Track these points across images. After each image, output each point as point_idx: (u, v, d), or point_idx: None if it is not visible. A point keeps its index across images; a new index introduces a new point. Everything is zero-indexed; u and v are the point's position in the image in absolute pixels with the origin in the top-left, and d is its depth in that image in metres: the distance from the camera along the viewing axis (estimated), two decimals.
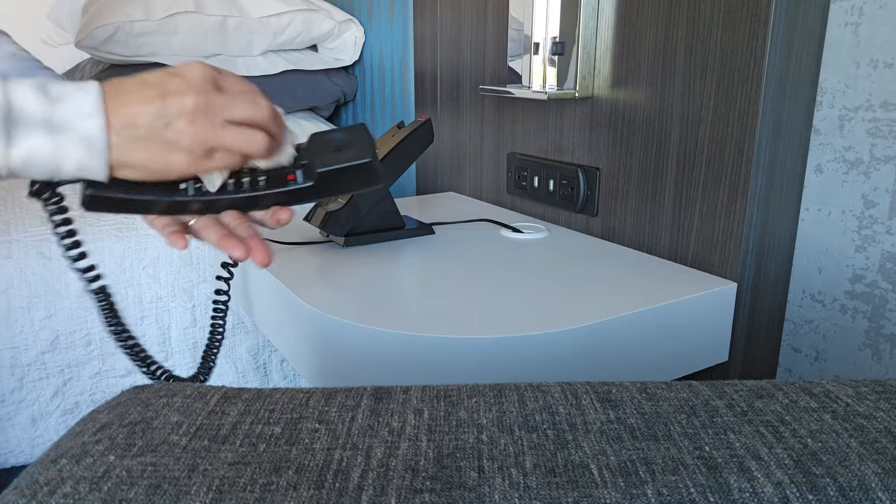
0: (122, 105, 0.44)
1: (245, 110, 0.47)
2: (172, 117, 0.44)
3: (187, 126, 0.44)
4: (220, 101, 0.46)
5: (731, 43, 0.66)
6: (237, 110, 0.47)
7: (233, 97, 0.47)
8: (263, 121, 0.48)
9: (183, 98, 0.44)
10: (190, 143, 0.45)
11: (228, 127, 0.46)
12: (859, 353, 0.68)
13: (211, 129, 0.45)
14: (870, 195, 0.65)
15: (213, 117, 0.45)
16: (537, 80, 0.86)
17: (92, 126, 0.43)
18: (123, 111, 0.43)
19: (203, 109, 0.45)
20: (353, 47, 1.43)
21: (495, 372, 0.57)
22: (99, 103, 0.43)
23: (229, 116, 0.46)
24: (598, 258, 0.77)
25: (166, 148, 0.45)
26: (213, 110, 0.45)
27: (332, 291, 0.67)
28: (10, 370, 0.95)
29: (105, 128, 0.43)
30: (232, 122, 0.47)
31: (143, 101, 0.44)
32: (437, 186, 1.23)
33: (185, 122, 0.44)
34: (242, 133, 0.47)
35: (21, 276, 0.94)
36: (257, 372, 1.15)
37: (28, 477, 0.32)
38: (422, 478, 0.31)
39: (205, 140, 0.45)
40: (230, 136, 0.46)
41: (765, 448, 0.32)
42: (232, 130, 0.46)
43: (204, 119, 0.45)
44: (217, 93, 0.46)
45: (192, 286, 1.06)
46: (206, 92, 0.45)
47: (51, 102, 0.42)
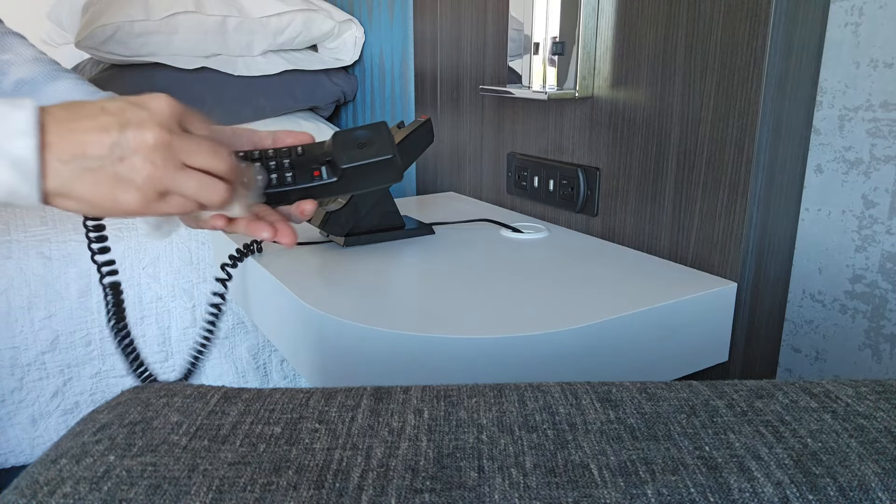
0: (75, 131, 0.40)
1: (207, 159, 0.44)
2: (129, 152, 0.40)
3: (143, 163, 0.41)
4: (182, 144, 0.42)
5: (731, 43, 0.66)
6: (200, 157, 0.43)
7: (197, 143, 0.43)
8: (224, 172, 0.45)
9: (143, 132, 0.41)
10: (143, 183, 0.41)
11: (188, 172, 0.43)
12: (859, 353, 0.68)
13: (170, 171, 0.42)
14: (870, 195, 0.65)
15: (173, 159, 0.42)
16: (537, 80, 0.86)
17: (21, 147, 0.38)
18: (74, 138, 0.40)
19: (164, 148, 0.41)
20: (353, 47, 1.43)
21: (495, 372, 0.57)
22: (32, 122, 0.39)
23: (190, 161, 0.43)
24: (598, 258, 0.77)
25: (116, 185, 0.41)
26: (175, 151, 0.42)
27: (332, 291, 0.67)
28: (10, 370, 0.95)
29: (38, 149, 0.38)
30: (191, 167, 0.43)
31: (98, 129, 0.40)
32: (437, 186, 1.23)
33: (142, 159, 0.41)
34: (202, 180, 0.44)
35: (21, 276, 0.94)
36: (257, 372, 1.15)
37: (28, 477, 0.32)
38: (422, 478, 0.31)
39: (160, 180, 0.42)
40: (189, 182, 0.43)
41: (765, 448, 0.32)
42: (192, 176, 0.43)
43: (163, 157, 0.41)
44: (180, 133, 0.43)
45: (192, 286, 1.06)
46: (169, 130, 0.42)
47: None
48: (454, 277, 0.71)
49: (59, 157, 0.39)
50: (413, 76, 1.25)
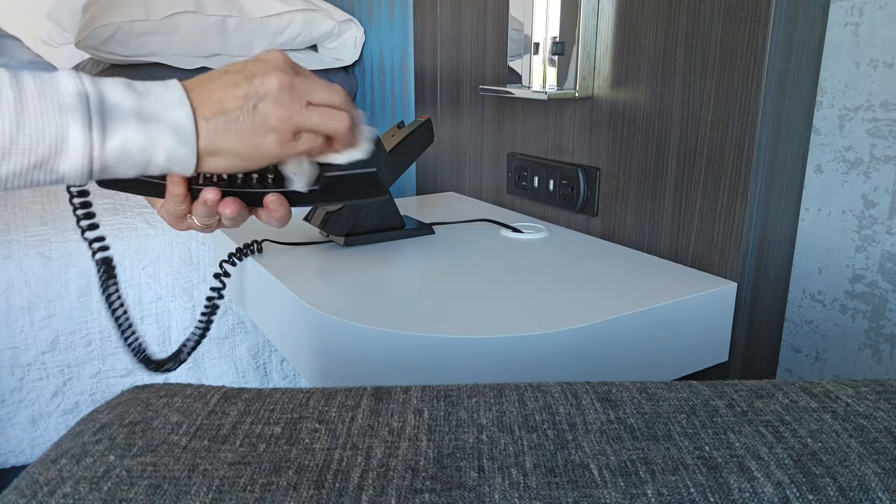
0: (208, 92, 0.45)
1: (325, 93, 0.49)
2: (260, 97, 0.45)
3: (275, 106, 0.45)
4: (302, 83, 0.47)
5: (731, 43, 0.66)
6: (318, 93, 0.48)
7: (313, 80, 0.48)
8: (342, 104, 0.50)
9: (268, 78, 0.45)
10: (278, 122, 0.46)
11: (312, 107, 0.48)
12: (859, 353, 0.68)
13: (298, 108, 0.47)
14: (870, 195, 0.65)
15: (297, 97, 0.47)
16: (537, 80, 0.86)
17: (179, 114, 0.43)
18: (212, 97, 0.44)
19: (289, 88, 0.46)
20: (353, 47, 1.43)
21: (495, 372, 0.57)
22: (183, 94, 0.44)
23: (312, 98, 0.48)
24: (598, 258, 0.77)
25: (255, 130, 0.45)
26: (298, 90, 0.47)
27: (332, 291, 0.67)
28: (10, 370, 0.95)
29: (192, 115, 0.44)
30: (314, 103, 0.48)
31: (228, 85, 0.45)
32: (437, 186, 1.23)
33: (272, 102, 0.45)
34: (326, 112, 0.48)
35: (21, 276, 0.94)
36: (257, 372, 1.15)
37: (28, 477, 0.32)
38: (422, 478, 0.31)
39: (291, 119, 0.46)
40: (315, 115, 0.48)
41: (765, 448, 0.32)
42: (316, 110, 0.48)
43: (289, 98, 0.46)
44: (297, 76, 0.48)
45: (192, 286, 1.06)
46: (288, 73, 0.47)
47: (139, 95, 0.43)
48: (454, 277, 0.71)
49: (205, 116, 0.44)
50: (413, 76, 1.25)
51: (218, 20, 1.28)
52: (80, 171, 0.41)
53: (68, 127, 0.40)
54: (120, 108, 0.42)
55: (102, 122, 0.41)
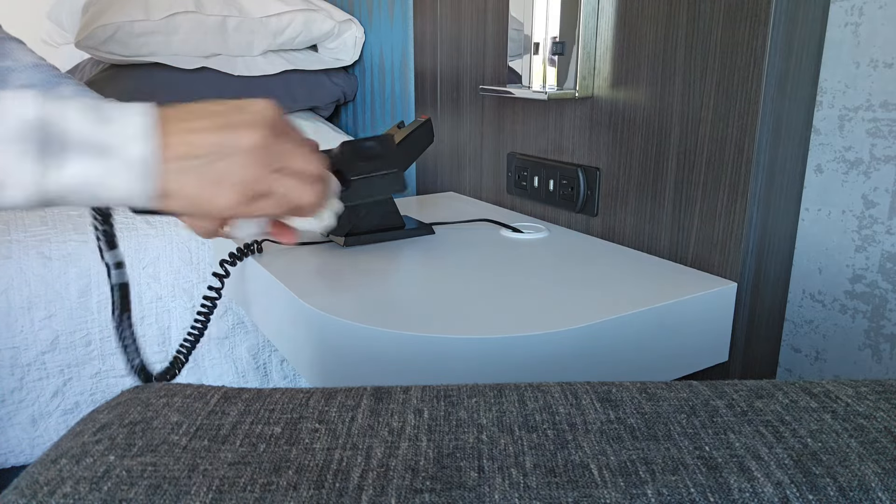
0: (182, 131, 0.42)
1: (302, 163, 0.46)
2: (231, 151, 0.42)
3: (244, 163, 0.43)
4: (280, 147, 0.44)
5: (731, 43, 0.66)
6: (295, 161, 0.45)
7: (292, 147, 0.45)
8: (315, 177, 0.47)
9: (247, 133, 0.43)
10: (241, 182, 0.43)
11: (283, 174, 0.45)
12: (859, 353, 0.68)
13: (266, 172, 0.44)
14: (870, 195, 0.65)
15: (268, 162, 0.44)
16: (537, 80, 0.86)
17: (141, 150, 0.40)
18: (185, 138, 0.41)
19: (263, 150, 0.43)
20: (353, 47, 1.43)
21: (495, 372, 0.57)
22: (150, 125, 0.40)
23: (285, 164, 0.45)
24: (598, 258, 0.77)
25: (217, 183, 0.42)
26: (271, 155, 0.44)
27: (332, 291, 0.67)
28: (10, 370, 0.95)
29: (156, 153, 0.40)
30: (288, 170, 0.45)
31: (205, 129, 0.42)
32: (437, 186, 1.23)
33: (242, 159, 0.42)
34: (297, 183, 0.45)
35: (21, 276, 0.94)
36: (257, 372, 1.15)
37: (28, 477, 0.32)
38: (422, 478, 0.31)
39: (257, 181, 0.43)
40: (282, 184, 0.45)
41: (765, 448, 0.32)
42: (288, 178, 0.45)
43: (262, 159, 0.43)
44: (279, 137, 0.45)
45: (192, 286, 1.06)
46: (268, 133, 0.44)
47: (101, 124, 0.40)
48: (454, 277, 0.71)
49: (169, 156, 0.41)
50: (413, 76, 1.25)
51: (218, 20, 1.28)
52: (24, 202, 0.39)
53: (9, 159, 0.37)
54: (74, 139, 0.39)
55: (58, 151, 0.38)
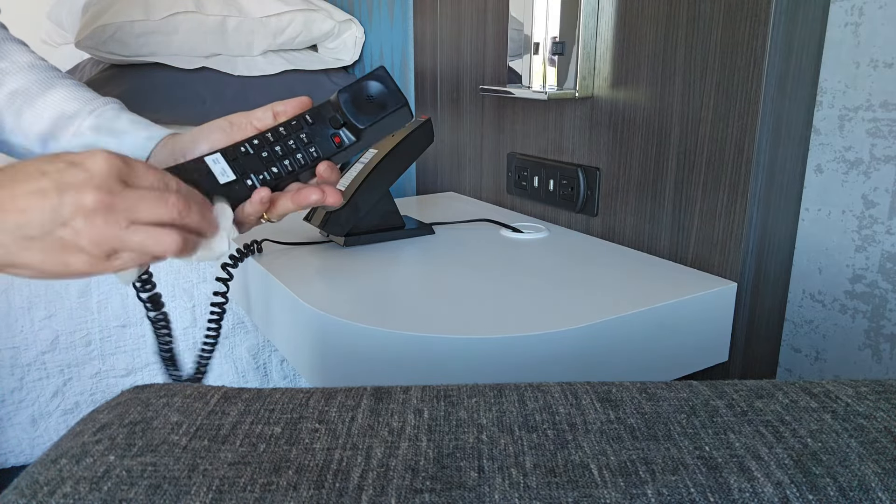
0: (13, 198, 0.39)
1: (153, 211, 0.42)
2: (69, 216, 0.39)
3: (86, 226, 0.39)
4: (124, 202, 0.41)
5: (731, 43, 0.66)
6: (144, 211, 0.42)
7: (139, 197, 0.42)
8: (174, 220, 0.43)
9: (82, 194, 0.39)
10: (89, 244, 0.40)
11: (134, 227, 0.41)
12: (859, 353, 0.68)
13: (114, 230, 0.40)
14: (870, 195, 0.65)
15: (115, 219, 0.40)
16: (537, 80, 0.86)
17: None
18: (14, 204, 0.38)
19: (105, 208, 0.40)
20: (353, 47, 1.43)
21: (495, 372, 0.57)
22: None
23: (134, 217, 0.41)
24: (598, 258, 0.77)
25: (62, 249, 0.40)
26: (116, 211, 0.40)
27: (332, 291, 0.66)
28: (10, 370, 0.95)
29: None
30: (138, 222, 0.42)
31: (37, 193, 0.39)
32: (437, 186, 1.23)
33: (83, 222, 0.39)
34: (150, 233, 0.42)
35: None
36: (257, 372, 1.15)
37: (28, 477, 0.32)
38: (422, 478, 0.31)
39: (106, 241, 0.40)
40: (136, 237, 0.41)
41: (765, 448, 0.32)
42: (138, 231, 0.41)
43: (105, 219, 0.40)
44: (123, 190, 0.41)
45: (192, 286, 1.06)
46: (109, 188, 0.40)
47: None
48: (454, 277, 0.71)
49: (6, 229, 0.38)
50: (413, 76, 1.25)
51: (218, 20, 1.28)
52: None
53: None
54: None
55: None
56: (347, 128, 0.53)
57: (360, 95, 0.54)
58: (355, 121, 0.53)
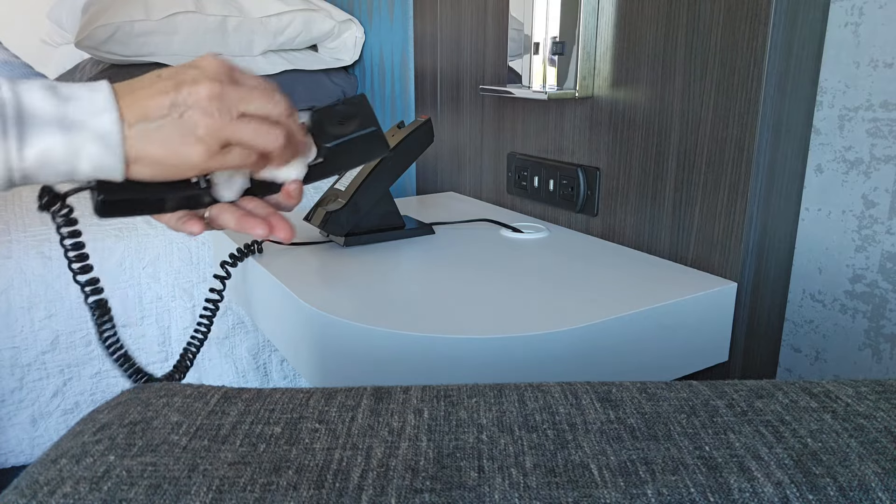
0: (137, 99, 0.43)
1: (261, 104, 0.46)
2: (187, 107, 0.43)
3: (202, 116, 0.43)
4: (235, 93, 0.45)
5: (731, 43, 0.66)
6: (253, 103, 0.46)
7: (249, 90, 0.46)
8: (280, 117, 0.47)
9: (197, 87, 0.43)
10: (205, 133, 0.44)
11: (244, 120, 0.45)
12: (859, 353, 0.68)
13: (227, 120, 0.44)
14: (870, 195, 0.65)
15: (228, 108, 0.44)
16: (537, 80, 0.86)
17: (105, 121, 0.42)
18: (138, 104, 0.43)
19: (218, 99, 0.44)
20: (353, 47, 1.43)
21: (495, 372, 0.57)
22: (111, 99, 0.42)
23: (245, 109, 0.45)
24: (598, 258, 0.77)
25: (181, 140, 0.43)
26: (229, 101, 0.44)
27: (332, 291, 0.67)
28: (10, 370, 0.95)
29: (119, 122, 0.42)
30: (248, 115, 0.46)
31: (157, 92, 0.43)
32: (437, 186, 1.23)
33: (200, 112, 0.43)
34: (259, 127, 0.46)
35: (21, 276, 0.94)
36: (257, 372, 1.15)
37: (28, 477, 0.32)
38: (422, 478, 0.31)
39: (220, 131, 0.44)
40: (246, 129, 0.45)
41: (765, 448, 0.32)
42: (250, 122, 0.45)
43: (219, 109, 0.44)
44: (233, 84, 0.45)
45: (192, 286, 1.06)
46: (221, 82, 0.44)
47: (62, 101, 0.41)
48: (454, 277, 0.71)
49: (130, 122, 0.42)
50: (413, 76, 1.25)
51: (218, 20, 1.28)
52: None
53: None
54: (40, 116, 0.40)
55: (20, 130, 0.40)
56: None
57: (331, 116, 0.54)
58: (320, 139, 0.52)
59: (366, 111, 0.54)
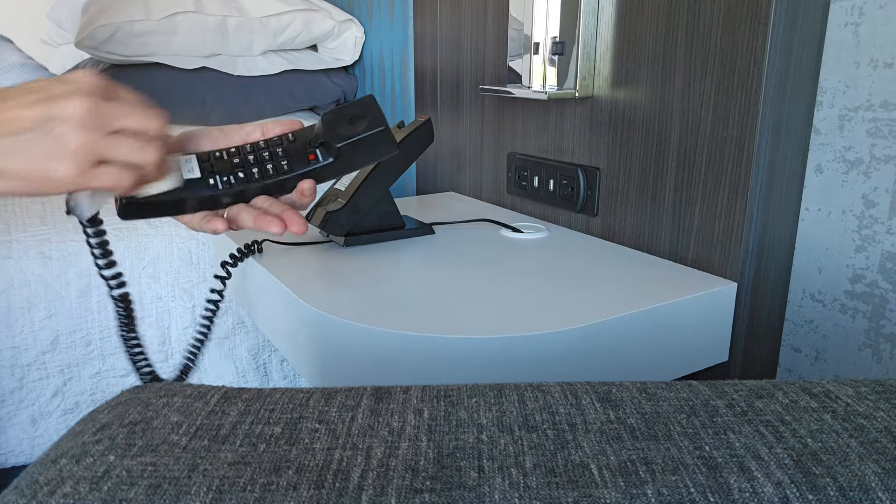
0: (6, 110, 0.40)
1: (138, 120, 0.44)
2: (58, 122, 0.41)
3: (73, 131, 0.41)
4: (109, 108, 0.42)
5: (731, 43, 0.66)
6: (130, 118, 0.43)
7: (125, 106, 0.44)
8: (157, 133, 0.45)
9: (70, 101, 0.41)
10: (75, 151, 0.41)
11: (119, 136, 0.43)
12: (859, 353, 0.68)
13: (99, 137, 0.42)
14: (870, 195, 0.65)
15: (101, 124, 0.42)
16: (537, 80, 0.86)
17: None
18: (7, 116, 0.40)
19: (92, 114, 0.41)
20: (353, 47, 1.43)
21: (495, 372, 0.57)
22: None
23: (120, 124, 0.43)
24: (598, 258, 0.77)
25: (48, 156, 0.41)
26: (103, 117, 0.42)
27: (332, 291, 0.66)
28: (10, 370, 0.95)
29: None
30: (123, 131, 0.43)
31: (25, 105, 0.41)
32: (437, 186, 1.23)
33: (72, 128, 0.41)
34: (135, 143, 0.44)
35: (21, 276, 0.94)
36: (257, 372, 1.15)
37: (28, 477, 0.32)
38: (422, 478, 0.31)
39: (92, 147, 0.42)
40: (122, 145, 0.43)
41: (765, 448, 0.32)
42: (124, 140, 0.43)
43: (92, 125, 0.41)
44: (106, 100, 0.43)
45: (192, 286, 1.06)
46: (95, 97, 0.42)
47: None
48: (454, 277, 0.71)
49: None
50: (413, 76, 1.25)
51: (218, 20, 1.28)
52: None
53: None
54: None
55: None
56: (324, 146, 0.54)
57: (342, 117, 0.55)
58: (331, 139, 0.53)
59: (375, 111, 0.55)
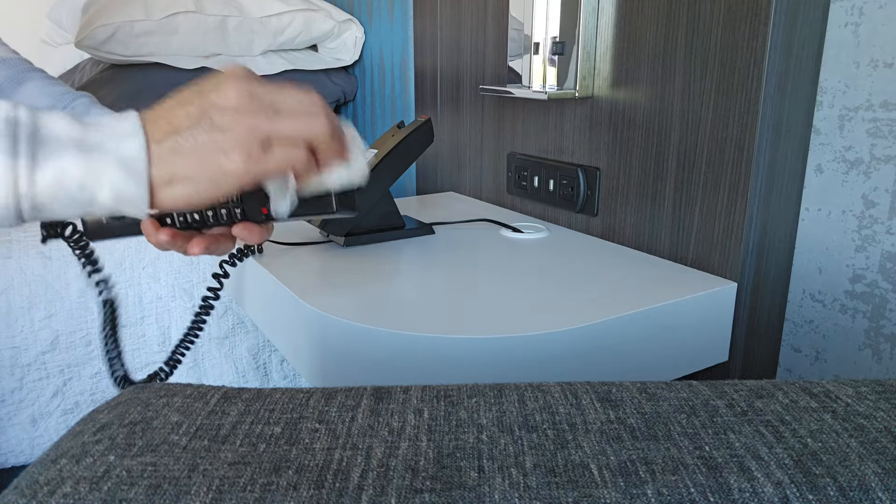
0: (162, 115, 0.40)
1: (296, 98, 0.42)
2: (218, 113, 0.40)
3: (235, 115, 0.40)
4: (266, 90, 0.41)
5: (731, 43, 0.66)
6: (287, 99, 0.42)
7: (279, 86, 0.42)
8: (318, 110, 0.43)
9: (224, 89, 0.40)
10: (243, 136, 0.40)
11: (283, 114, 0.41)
12: (859, 353, 0.68)
13: (262, 116, 0.41)
14: (870, 195, 0.65)
15: (261, 104, 0.41)
16: (537, 79, 0.86)
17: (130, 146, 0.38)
18: (163, 119, 0.40)
19: (248, 98, 0.40)
20: (353, 47, 1.43)
21: (495, 372, 0.57)
22: (137, 124, 0.39)
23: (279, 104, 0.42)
24: (598, 258, 0.77)
25: (215, 147, 0.39)
26: (261, 97, 0.41)
27: (332, 291, 0.66)
28: (10, 370, 0.95)
29: (144, 149, 0.38)
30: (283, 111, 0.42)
31: (180, 103, 0.40)
32: (437, 186, 1.23)
33: (232, 112, 0.40)
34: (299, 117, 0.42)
35: (21, 276, 0.94)
36: (257, 372, 1.15)
37: (28, 477, 0.32)
38: (422, 478, 0.31)
39: (257, 127, 0.40)
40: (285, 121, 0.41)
41: (765, 448, 0.32)
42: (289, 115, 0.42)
43: (251, 107, 0.40)
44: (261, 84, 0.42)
45: (192, 286, 1.06)
46: (248, 82, 0.41)
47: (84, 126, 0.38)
48: (454, 277, 0.71)
49: (156, 139, 0.39)
50: (413, 76, 1.25)
51: (218, 20, 1.28)
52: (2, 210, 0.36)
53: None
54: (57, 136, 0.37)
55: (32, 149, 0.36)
56: None
57: None
58: None
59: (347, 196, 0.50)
